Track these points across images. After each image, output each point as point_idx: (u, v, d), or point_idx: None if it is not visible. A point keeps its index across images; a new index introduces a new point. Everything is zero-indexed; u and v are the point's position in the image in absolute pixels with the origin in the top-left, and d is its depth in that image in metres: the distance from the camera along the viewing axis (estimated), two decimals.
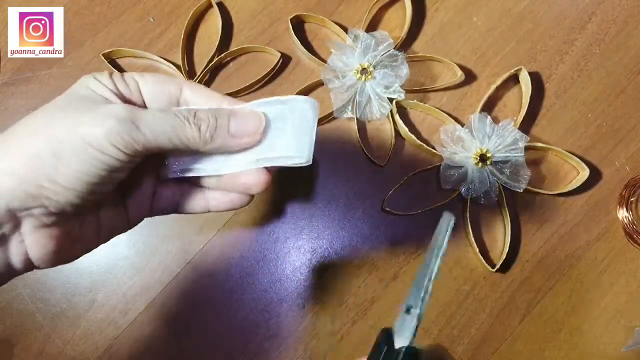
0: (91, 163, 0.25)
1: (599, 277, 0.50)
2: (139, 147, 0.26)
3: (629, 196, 0.50)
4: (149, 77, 0.29)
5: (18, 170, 0.24)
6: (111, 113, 0.25)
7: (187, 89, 0.30)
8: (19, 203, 0.24)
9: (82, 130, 0.25)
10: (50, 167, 0.24)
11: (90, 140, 0.24)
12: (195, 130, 0.27)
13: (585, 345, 0.48)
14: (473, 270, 0.49)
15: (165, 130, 0.26)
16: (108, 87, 0.28)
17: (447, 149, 0.49)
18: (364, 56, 0.50)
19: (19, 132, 0.26)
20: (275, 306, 0.48)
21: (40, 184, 0.24)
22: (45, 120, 0.25)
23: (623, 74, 0.53)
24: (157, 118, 0.26)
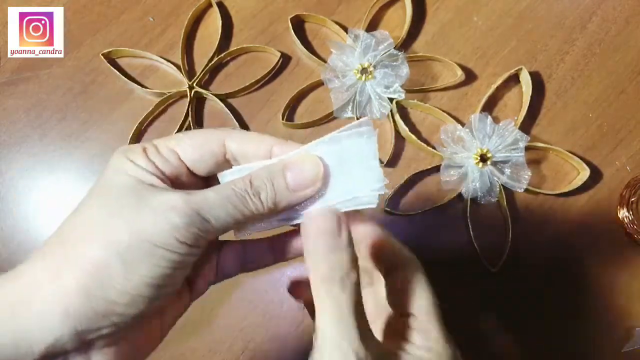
0: (159, 264, 0.23)
1: (600, 277, 0.49)
2: (206, 236, 0.24)
3: (630, 196, 0.50)
4: (187, 141, 0.27)
5: (84, 285, 0.21)
6: (169, 206, 0.23)
7: (231, 141, 0.27)
8: (87, 324, 0.22)
9: (146, 230, 0.22)
10: (119, 275, 0.22)
11: (157, 241, 0.22)
12: (257, 201, 0.25)
13: (585, 345, 0.48)
14: (473, 270, 0.49)
15: (228, 212, 0.24)
16: (147, 170, 0.25)
17: (448, 149, 0.49)
18: (364, 56, 0.50)
19: (70, 237, 0.23)
20: (275, 306, 0.48)
21: (110, 298, 0.22)
22: (98, 222, 0.23)
23: (624, 73, 0.53)
24: (217, 201, 0.24)
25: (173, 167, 0.26)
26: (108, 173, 0.25)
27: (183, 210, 0.23)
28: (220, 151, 0.27)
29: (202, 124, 0.51)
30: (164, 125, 0.51)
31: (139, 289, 0.22)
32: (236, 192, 0.25)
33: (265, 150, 0.27)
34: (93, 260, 0.22)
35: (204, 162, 0.27)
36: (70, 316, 0.21)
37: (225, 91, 0.51)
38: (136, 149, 0.26)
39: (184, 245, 0.23)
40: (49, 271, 0.22)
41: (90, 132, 0.50)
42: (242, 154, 0.27)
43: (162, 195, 0.24)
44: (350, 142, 0.27)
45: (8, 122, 0.50)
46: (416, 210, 0.49)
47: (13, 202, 0.49)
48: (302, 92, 0.51)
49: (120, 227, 0.23)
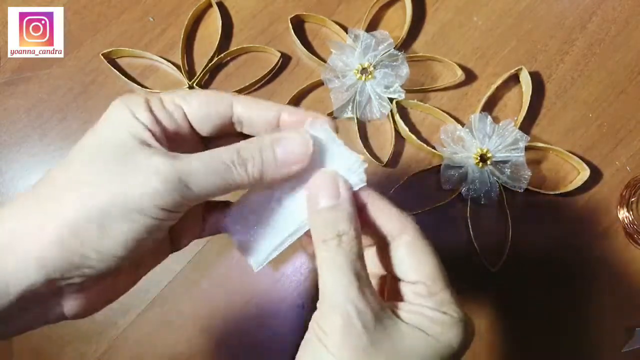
0: (136, 229, 0.23)
1: (600, 277, 0.49)
2: (187, 203, 0.24)
3: (630, 196, 0.50)
4: (194, 99, 0.27)
5: (62, 239, 0.22)
6: (153, 170, 0.23)
7: (238, 104, 0.27)
8: (60, 274, 0.23)
9: (126, 193, 0.23)
10: (96, 236, 0.23)
11: (136, 205, 0.23)
12: (243, 172, 0.25)
13: (585, 345, 0.48)
14: (473, 270, 0.49)
15: (213, 181, 0.24)
16: (144, 124, 0.25)
17: (448, 149, 0.49)
18: (364, 56, 0.50)
19: (54, 189, 0.24)
20: (275, 306, 0.48)
21: (85, 254, 0.23)
22: (81, 179, 0.23)
23: (624, 73, 0.53)
24: (203, 169, 0.24)
25: (175, 123, 0.26)
26: (103, 122, 0.25)
27: (165, 175, 0.23)
28: (227, 113, 0.27)
29: None
30: None
31: (112, 248, 0.23)
32: (223, 162, 0.24)
33: (273, 117, 0.27)
34: (71, 218, 0.22)
35: (209, 121, 0.27)
36: (45, 266, 0.22)
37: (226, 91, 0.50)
38: (139, 100, 0.25)
39: (162, 211, 0.23)
40: (31, 222, 0.23)
41: None
42: (249, 119, 0.27)
43: (149, 158, 0.23)
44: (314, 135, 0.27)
45: (8, 122, 0.50)
46: (416, 210, 0.49)
47: None
48: (302, 92, 0.51)
49: (101, 187, 0.23)
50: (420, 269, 0.27)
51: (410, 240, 0.27)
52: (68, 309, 0.25)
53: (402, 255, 0.27)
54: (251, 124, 0.28)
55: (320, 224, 0.26)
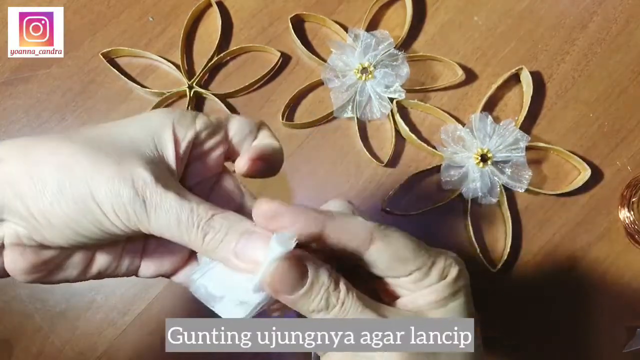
0: (85, 216, 0.22)
1: (600, 277, 0.49)
2: (140, 228, 0.23)
3: (631, 196, 0.50)
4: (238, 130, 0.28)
5: (17, 179, 0.22)
6: (129, 177, 0.22)
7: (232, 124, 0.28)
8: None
9: (96, 179, 0.22)
10: (48, 195, 0.22)
11: (95, 196, 0.22)
12: (200, 237, 0.24)
13: (586, 345, 0.48)
14: (474, 270, 0.49)
15: (170, 226, 0.23)
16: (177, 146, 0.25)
17: (448, 149, 0.49)
18: (364, 55, 0.50)
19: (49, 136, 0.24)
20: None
21: (27, 204, 0.22)
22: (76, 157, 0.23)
23: (624, 73, 0.53)
24: (168, 209, 0.23)
25: (219, 142, 0.27)
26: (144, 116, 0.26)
27: (134, 190, 0.22)
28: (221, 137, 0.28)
29: None
30: None
31: (58, 221, 0.22)
32: (191, 216, 0.24)
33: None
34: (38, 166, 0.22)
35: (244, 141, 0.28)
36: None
37: (225, 91, 0.50)
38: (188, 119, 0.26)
39: (116, 217, 0.22)
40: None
41: None
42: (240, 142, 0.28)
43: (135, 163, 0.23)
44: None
45: (8, 122, 0.50)
46: (416, 210, 0.49)
47: None
48: (302, 92, 0.51)
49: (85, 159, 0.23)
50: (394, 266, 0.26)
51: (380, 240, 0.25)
52: (6, 262, 0.24)
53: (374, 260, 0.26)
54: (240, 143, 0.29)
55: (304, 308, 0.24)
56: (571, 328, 0.48)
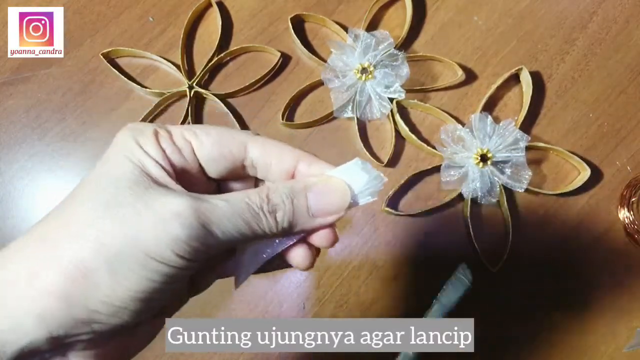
0: (151, 278, 0.20)
1: (600, 277, 0.49)
2: (208, 252, 0.21)
3: (630, 196, 0.50)
4: (205, 136, 0.24)
5: (65, 289, 0.19)
6: (173, 214, 0.20)
7: (253, 147, 0.24)
8: (65, 331, 0.19)
9: (142, 238, 0.20)
10: (105, 286, 0.19)
11: (152, 251, 0.20)
12: (272, 220, 0.22)
13: (586, 345, 0.48)
14: (474, 270, 0.49)
15: (238, 227, 0.21)
16: (154, 159, 0.22)
17: (448, 149, 0.49)
18: (364, 56, 0.50)
19: (54, 232, 0.20)
20: (275, 307, 0.48)
21: (92, 307, 0.20)
22: (91, 220, 0.20)
23: (624, 73, 0.53)
24: (228, 214, 0.21)
25: (184, 161, 0.24)
26: (110, 156, 0.23)
27: (188, 219, 0.20)
28: (240, 155, 0.24)
29: (202, 124, 0.51)
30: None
31: (125, 301, 0.20)
32: (250, 206, 0.22)
33: (290, 164, 0.25)
34: (77, 263, 0.19)
35: (220, 162, 0.24)
36: (45, 321, 0.19)
37: (225, 91, 0.51)
38: (147, 131, 0.23)
39: (181, 260, 0.20)
40: (26, 270, 0.20)
41: (89, 132, 0.50)
42: (264, 163, 0.25)
43: (166, 197, 0.21)
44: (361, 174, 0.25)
45: (8, 122, 0.50)
46: (416, 210, 0.49)
47: (12, 203, 0.49)
48: (302, 92, 0.51)
49: (113, 229, 0.20)
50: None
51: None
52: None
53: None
54: (267, 170, 0.25)
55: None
56: (571, 328, 0.49)
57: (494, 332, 0.48)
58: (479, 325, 0.48)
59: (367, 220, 0.49)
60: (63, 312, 0.19)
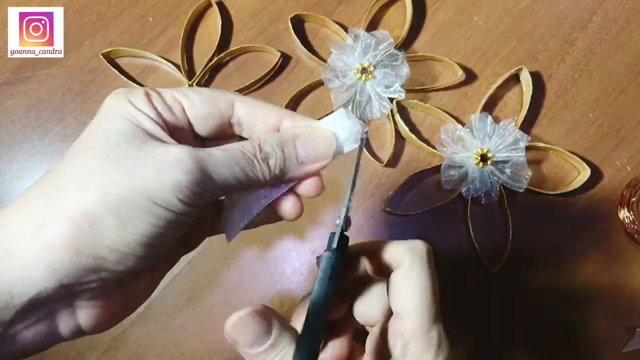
0: (155, 223, 0.21)
1: (600, 277, 0.49)
2: (208, 197, 0.23)
3: (630, 196, 0.50)
4: (194, 95, 0.25)
5: (73, 238, 0.20)
6: (173, 161, 0.21)
7: (240, 105, 0.26)
8: (74, 279, 0.20)
9: (146, 184, 0.21)
10: (112, 232, 0.20)
11: (156, 197, 0.21)
12: (265, 167, 0.24)
13: (586, 345, 0.48)
14: (474, 270, 0.49)
15: (234, 173, 0.23)
16: (148, 115, 0.23)
17: (448, 149, 0.49)
18: (364, 56, 0.50)
19: (59, 184, 0.21)
20: (276, 307, 0.48)
21: (101, 254, 0.20)
22: (94, 170, 0.21)
23: (624, 73, 0.53)
24: (224, 161, 0.23)
25: (175, 119, 0.25)
26: (104, 114, 0.23)
27: (188, 165, 0.21)
28: (227, 113, 0.26)
29: None
30: None
31: (131, 247, 0.21)
32: (244, 154, 0.23)
33: (275, 122, 0.26)
34: (84, 212, 0.20)
35: (209, 120, 0.25)
36: (55, 270, 0.20)
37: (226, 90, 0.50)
38: (138, 92, 0.24)
39: (183, 204, 0.21)
40: (32, 221, 0.20)
41: None
42: (250, 121, 0.26)
43: (166, 147, 0.22)
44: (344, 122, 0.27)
45: (8, 122, 0.50)
46: (416, 210, 0.49)
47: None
48: (302, 92, 0.51)
49: (118, 178, 0.21)
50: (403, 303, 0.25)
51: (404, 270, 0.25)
52: (84, 321, 0.23)
53: (393, 284, 0.25)
54: (252, 128, 0.26)
55: None
56: (571, 328, 0.49)
57: (494, 331, 0.48)
58: (479, 325, 0.49)
59: (367, 221, 0.50)
60: (72, 261, 0.20)
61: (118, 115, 0.23)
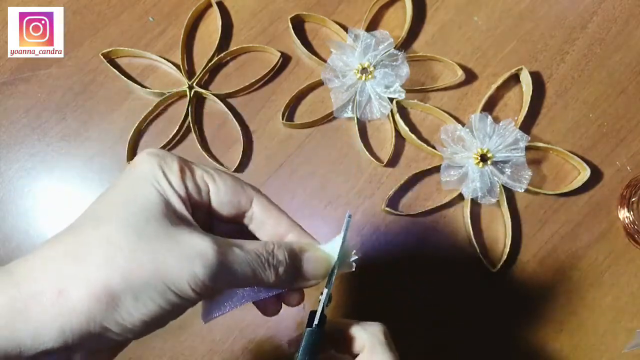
0: (164, 306, 0.22)
1: (600, 277, 0.49)
2: (216, 290, 0.24)
3: (630, 196, 0.50)
4: (221, 183, 0.27)
5: (89, 308, 0.21)
6: (196, 253, 0.22)
7: (258, 204, 0.28)
8: (78, 341, 0.21)
9: (167, 271, 0.22)
10: (125, 309, 0.21)
11: (172, 284, 0.22)
12: (273, 274, 0.25)
13: (585, 346, 0.48)
14: (474, 270, 0.49)
15: (245, 273, 0.24)
16: (179, 194, 0.25)
17: (448, 149, 0.49)
18: (364, 56, 0.50)
19: (87, 250, 0.22)
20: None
21: (107, 326, 0.21)
22: (121, 245, 0.22)
23: (624, 73, 0.53)
24: (242, 260, 0.24)
25: (199, 200, 0.26)
26: (135, 177, 0.24)
27: (210, 260, 0.22)
28: (245, 207, 0.28)
29: (202, 124, 0.51)
30: (163, 125, 0.51)
31: (135, 324, 0.22)
32: (259, 257, 0.25)
33: (283, 231, 0.29)
34: (106, 286, 0.21)
35: (227, 207, 0.27)
36: (65, 334, 0.21)
37: (225, 91, 0.51)
38: (172, 163, 0.25)
39: (194, 294, 0.22)
40: (54, 285, 0.21)
41: (90, 132, 0.50)
42: (261, 220, 0.28)
43: (191, 236, 0.23)
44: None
45: (8, 122, 0.50)
46: (416, 210, 0.49)
47: (12, 202, 0.49)
48: (302, 92, 0.51)
49: (144, 261, 0.22)
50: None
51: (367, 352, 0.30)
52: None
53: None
54: (261, 227, 0.28)
55: None
56: (570, 328, 0.49)
57: (494, 331, 0.48)
58: (479, 325, 0.49)
59: (367, 220, 0.50)
60: (81, 328, 0.21)
61: (149, 183, 0.24)
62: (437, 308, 0.48)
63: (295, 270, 0.27)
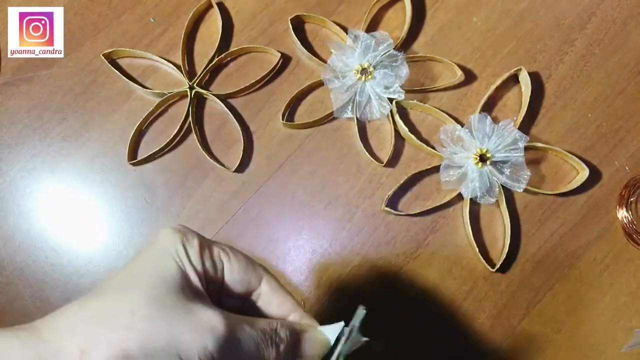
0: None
1: (599, 277, 0.50)
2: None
3: (629, 196, 0.50)
4: (235, 261, 0.29)
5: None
6: (209, 327, 0.24)
7: (266, 284, 0.30)
8: None
9: (182, 343, 0.23)
10: None
11: (183, 354, 0.23)
12: (275, 350, 0.27)
13: (584, 345, 0.48)
14: (473, 270, 0.49)
15: (248, 348, 0.26)
16: (196, 270, 0.27)
17: (447, 149, 0.49)
18: (364, 56, 0.50)
19: (111, 314, 0.23)
20: None
21: None
22: (143, 313, 0.23)
23: (623, 74, 0.53)
24: (249, 336, 0.26)
25: (214, 276, 0.28)
26: (159, 250, 0.26)
27: (220, 334, 0.24)
28: (255, 286, 0.30)
29: (203, 125, 0.51)
30: (164, 126, 0.51)
31: None
32: (264, 334, 0.26)
33: (286, 311, 0.30)
34: (124, 351, 0.22)
35: (239, 285, 0.29)
36: None
37: (226, 91, 0.51)
38: (193, 241, 0.27)
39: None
40: (78, 345, 0.22)
41: (90, 133, 0.50)
42: (268, 299, 0.30)
43: (205, 310, 0.25)
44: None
45: (9, 122, 0.50)
46: (415, 210, 0.49)
47: (14, 203, 0.49)
48: (302, 93, 0.51)
49: (162, 330, 0.23)
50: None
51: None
52: None
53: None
54: (266, 305, 0.30)
55: None
56: (570, 328, 0.49)
57: (493, 331, 0.48)
58: (479, 325, 0.49)
59: (367, 220, 0.50)
60: None
61: (171, 258, 0.26)
62: (436, 308, 0.48)
63: (294, 349, 0.28)
